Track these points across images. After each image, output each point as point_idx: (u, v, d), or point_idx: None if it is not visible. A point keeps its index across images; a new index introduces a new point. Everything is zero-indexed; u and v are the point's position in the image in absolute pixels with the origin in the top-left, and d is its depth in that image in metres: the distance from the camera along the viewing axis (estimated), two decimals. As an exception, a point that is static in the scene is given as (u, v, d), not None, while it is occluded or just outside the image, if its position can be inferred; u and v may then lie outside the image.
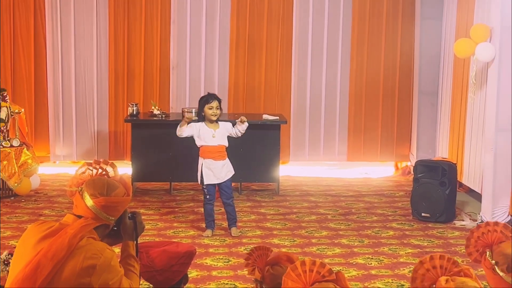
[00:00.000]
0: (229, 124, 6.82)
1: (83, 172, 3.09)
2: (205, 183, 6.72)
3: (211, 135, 6.69)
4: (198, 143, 6.72)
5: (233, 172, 6.83)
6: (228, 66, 9.82)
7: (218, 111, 6.71)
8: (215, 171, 6.71)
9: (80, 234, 2.89)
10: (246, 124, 6.81)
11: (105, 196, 2.98)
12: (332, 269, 2.58)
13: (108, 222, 3.04)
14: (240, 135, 6.87)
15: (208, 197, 6.80)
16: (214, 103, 6.68)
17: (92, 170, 3.10)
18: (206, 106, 6.68)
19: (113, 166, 3.14)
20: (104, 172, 3.11)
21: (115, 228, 3.11)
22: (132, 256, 3.00)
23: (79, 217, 2.98)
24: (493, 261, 2.87)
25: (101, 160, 3.17)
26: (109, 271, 2.87)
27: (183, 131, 6.68)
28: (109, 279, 2.86)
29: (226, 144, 6.77)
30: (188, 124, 6.69)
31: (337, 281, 2.58)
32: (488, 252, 2.92)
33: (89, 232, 2.95)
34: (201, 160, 6.74)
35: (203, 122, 6.72)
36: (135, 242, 3.08)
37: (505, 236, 2.90)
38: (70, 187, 3.06)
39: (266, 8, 9.74)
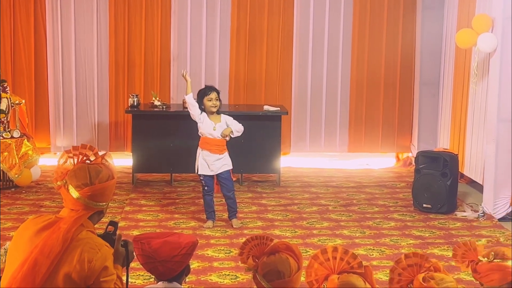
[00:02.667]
0: (230, 119, 6.80)
1: (64, 162, 3.04)
2: (199, 172, 6.74)
3: (211, 127, 6.69)
4: (199, 131, 6.73)
5: (231, 167, 6.82)
6: (229, 57, 9.80)
7: (218, 103, 6.71)
8: (209, 162, 6.73)
9: (73, 228, 2.87)
10: (231, 134, 6.74)
11: (90, 185, 2.94)
12: (362, 263, 2.54)
13: (100, 208, 3.02)
14: (238, 135, 6.83)
15: (206, 188, 6.81)
16: (213, 95, 6.68)
17: (73, 158, 3.04)
18: (205, 98, 6.68)
19: (92, 149, 3.09)
20: (85, 158, 3.05)
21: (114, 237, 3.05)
22: (120, 278, 2.96)
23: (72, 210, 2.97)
24: None
25: (79, 145, 3.12)
26: (104, 268, 2.85)
27: (189, 92, 6.67)
28: (102, 275, 2.84)
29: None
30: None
31: (365, 275, 2.55)
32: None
33: (85, 223, 2.94)
34: (199, 150, 6.77)
35: (205, 114, 6.72)
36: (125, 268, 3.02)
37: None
38: (55, 182, 3.02)
39: (267, -2, 9.72)
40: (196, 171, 6.80)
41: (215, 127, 6.70)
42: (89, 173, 2.96)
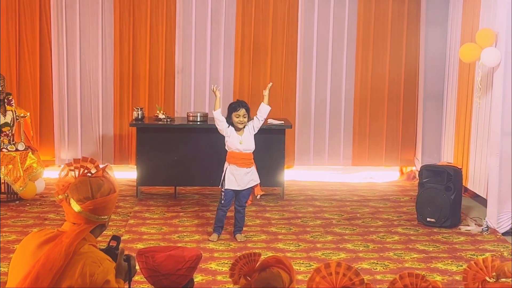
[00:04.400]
0: (250, 122, 6.82)
1: (66, 175, 3.05)
2: (225, 187, 6.73)
3: (238, 141, 6.73)
4: (227, 144, 6.75)
5: (258, 182, 6.84)
6: (233, 70, 9.83)
7: (245, 119, 6.72)
8: (238, 177, 6.73)
9: (75, 242, 2.87)
10: (267, 91, 6.80)
11: (91, 199, 2.95)
12: (364, 280, 2.52)
13: (102, 222, 3.02)
14: (263, 119, 6.83)
15: (223, 202, 6.80)
16: (241, 111, 6.70)
17: (74, 171, 3.05)
18: (234, 114, 6.70)
19: (93, 162, 3.09)
20: (86, 171, 3.06)
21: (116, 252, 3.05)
22: None
23: (74, 223, 2.97)
24: None
25: (80, 158, 3.12)
26: (106, 282, 2.85)
27: (218, 107, 6.65)
28: None
29: (253, 147, 6.80)
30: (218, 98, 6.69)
31: None
32: None
33: (87, 237, 2.94)
34: (226, 165, 6.79)
35: (233, 127, 6.74)
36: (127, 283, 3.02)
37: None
38: (56, 195, 3.03)
39: (271, 12, 9.75)
40: (220, 185, 6.80)
41: (241, 140, 6.73)
42: (91, 186, 2.96)
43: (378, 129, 10.00)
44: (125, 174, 9.53)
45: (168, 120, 8.55)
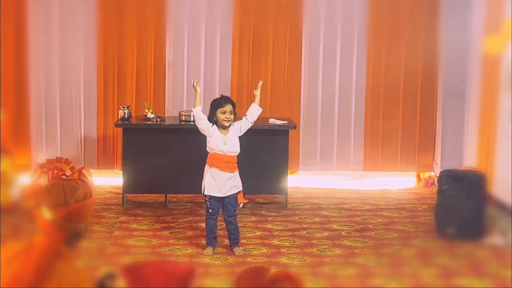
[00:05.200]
0: (237, 122, 6.81)
1: (37, 178, 3.01)
2: (205, 193, 6.73)
3: (222, 142, 6.70)
4: (208, 145, 6.72)
5: (240, 189, 6.84)
6: (231, 65, 9.83)
7: (232, 116, 6.71)
8: (219, 182, 6.71)
9: (47, 256, 2.84)
10: (258, 90, 6.85)
11: (64, 204, 2.92)
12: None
13: (77, 231, 2.99)
14: (253, 121, 6.83)
15: (210, 211, 6.80)
16: (228, 107, 6.68)
17: (46, 173, 3.02)
18: (219, 110, 6.68)
19: (68, 162, 3.06)
20: (60, 173, 3.03)
21: None
22: None
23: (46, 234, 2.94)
24: None
25: (54, 158, 3.09)
26: None
27: (198, 104, 6.65)
28: None
29: (238, 150, 6.78)
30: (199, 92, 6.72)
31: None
32: None
33: (61, 249, 2.91)
34: (206, 168, 6.75)
35: (216, 126, 6.72)
36: None
37: None
38: (26, 201, 2.99)
39: (273, 0, 9.74)
40: (202, 191, 6.80)
41: (225, 141, 6.71)
42: (64, 190, 2.93)
43: (393, 130, 10.00)
44: (109, 180, 9.53)
45: (158, 120, 8.54)
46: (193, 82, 6.84)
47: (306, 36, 9.86)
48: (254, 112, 6.84)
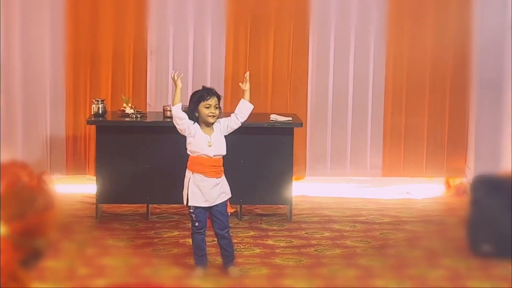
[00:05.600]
0: (222, 119, 6.77)
1: None
2: (190, 204, 6.69)
3: (206, 143, 6.66)
4: (189, 148, 6.68)
5: (229, 195, 6.81)
6: (225, 51, 9.86)
7: (217, 112, 6.68)
8: (204, 190, 6.68)
9: (2, 281, 2.82)
10: (247, 84, 6.83)
11: (21, 217, 2.90)
12: None
13: (36, 249, 2.96)
14: (243, 120, 6.81)
15: (197, 224, 6.77)
16: (213, 100, 6.64)
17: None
18: (202, 105, 6.64)
19: (24, 167, 3.03)
20: (15, 179, 3.00)
21: None
22: None
23: None
24: None
25: (7, 162, 3.06)
26: None
27: (178, 101, 6.61)
28: None
29: (224, 152, 6.74)
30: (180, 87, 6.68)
31: None
32: None
33: (17, 272, 2.88)
34: (188, 174, 6.71)
35: (198, 125, 6.68)
36: None
37: None
38: None
39: (275, -26, 9.78)
40: (185, 202, 6.77)
41: (210, 142, 6.67)
42: (20, 200, 2.91)
43: (417, 129, 10.02)
44: (80, 187, 9.54)
45: (138, 116, 8.54)
46: (173, 75, 6.80)
47: (314, 16, 9.88)
48: (244, 109, 6.81)
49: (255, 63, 9.82)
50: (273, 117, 8.63)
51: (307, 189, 9.81)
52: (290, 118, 8.67)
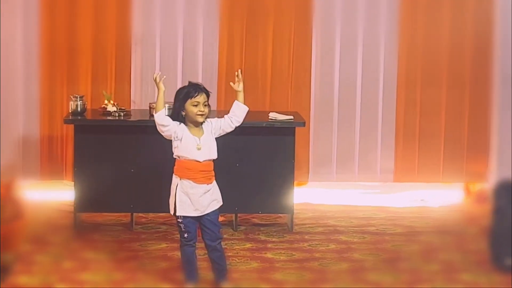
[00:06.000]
0: (214, 120, 6.77)
1: None
2: (178, 214, 6.70)
3: (195, 146, 6.65)
4: (176, 153, 6.68)
5: (221, 203, 6.81)
6: (218, 43, 9.90)
7: (207, 110, 6.67)
8: (194, 198, 6.67)
9: None
10: (241, 84, 6.82)
11: None
12: None
13: (4, 263, 2.98)
14: (238, 123, 6.82)
15: (186, 235, 6.77)
16: (201, 97, 6.63)
17: None
18: (189, 102, 6.63)
19: None
20: None
21: None
22: None
23: None
24: None
25: None
26: None
27: (161, 107, 6.62)
28: None
29: (215, 156, 6.74)
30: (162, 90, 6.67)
31: None
32: None
33: None
34: (176, 180, 6.69)
35: (185, 126, 6.68)
36: None
37: None
38: None
39: (274, -44, 9.82)
40: (172, 212, 6.77)
41: (199, 145, 6.67)
42: None
43: (433, 129, 10.06)
44: (57, 194, 9.56)
45: (122, 114, 8.55)
46: (155, 77, 6.79)
47: (318, 4, 9.89)
48: (239, 112, 6.78)
49: (252, 56, 9.85)
50: (272, 115, 8.64)
51: (310, 196, 9.85)
52: (292, 117, 8.67)
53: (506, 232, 7.58)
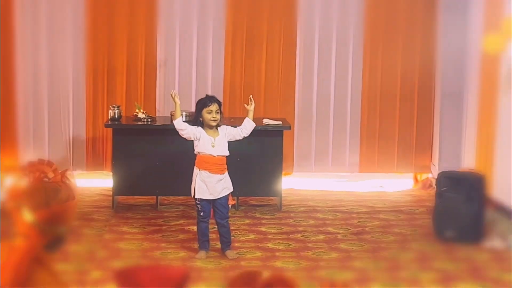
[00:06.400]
0: (229, 127, 6.84)
1: (19, 180, 2.99)
2: (196, 197, 6.73)
3: (210, 144, 6.70)
4: (196, 149, 6.73)
5: (231, 189, 6.85)
6: (223, 64, 9.83)
7: (218, 116, 6.72)
8: (210, 185, 6.72)
9: (26, 262, 2.81)
10: (253, 105, 6.92)
11: (46, 207, 2.89)
12: None
13: (59, 234, 2.96)
14: (245, 135, 6.88)
15: (202, 214, 6.80)
16: (214, 106, 6.69)
17: (28, 175, 3.00)
18: (205, 110, 6.69)
19: (50, 164, 3.04)
20: (42, 175, 3.01)
21: None
22: None
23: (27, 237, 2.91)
24: None
25: (35, 160, 3.08)
26: None
27: (178, 116, 6.67)
28: None
29: (227, 153, 6.78)
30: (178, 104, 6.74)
31: None
32: None
33: (41, 255, 2.88)
34: (196, 171, 6.74)
35: (203, 128, 6.73)
36: None
37: None
38: (7, 203, 2.96)
39: (267, -2, 9.78)
40: (192, 195, 6.79)
41: (213, 143, 6.70)
42: (46, 192, 2.91)
43: (390, 131, 10.02)
44: (99, 182, 9.52)
45: (149, 120, 8.53)
46: (172, 93, 6.86)
47: (300, 34, 9.86)
48: (249, 126, 6.94)
49: (249, 74, 9.82)
50: (266, 121, 8.64)
51: (294, 183, 9.80)
52: (280, 122, 8.67)
53: (445, 211, 7.59)
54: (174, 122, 6.77)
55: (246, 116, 6.95)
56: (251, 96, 7.09)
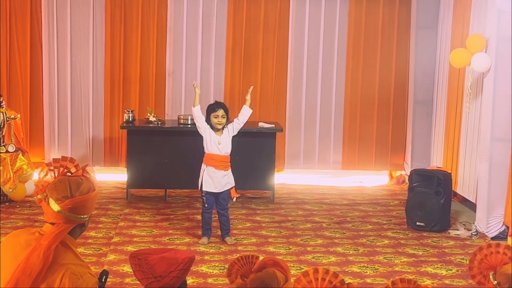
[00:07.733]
0: (230, 124, 6.84)
1: (45, 175, 3.01)
2: (203, 189, 6.75)
3: (216, 143, 6.73)
4: (205, 147, 6.75)
5: (233, 184, 6.85)
6: (224, 74, 9.83)
7: (224, 120, 6.74)
8: (215, 180, 6.74)
9: (54, 245, 2.81)
10: (249, 97, 6.91)
11: (70, 197, 2.91)
12: (344, 280, 2.55)
13: (81, 221, 2.98)
14: (244, 121, 6.86)
15: (206, 205, 6.81)
16: (220, 112, 6.71)
17: (53, 171, 3.02)
18: (212, 115, 6.72)
19: (72, 161, 3.06)
20: (65, 170, 3.03)
21: None
22: None
23: (53, 224, 2.93)
24: (495, 282, 2.86)
25: (60, 157, 3.10)
26: None
27: (197, 103, 6.69)
28: None
29: (229, 150, 6.80)
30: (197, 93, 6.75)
31: None
32: (491, 274, 2.90)
33: (67, 239, 2.90)
34: (203, 167, 6.77)
35: (211, 129, 6.75)
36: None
37: (508, 257, 2.88)
38: (35, 195, 2.98)
39: (262, 16, 9.76)
40: (199, 187, 6.81)
41: (219, 141, 6.73)
42: (70, 185, 2.92)
43: (368, 134, 10.03)
44: (115, 176, 9.52)
45: (159, 122, 8.54)
46: (194, 84, 6.91)
47: (291, 48, 9.88)
48: (244, 113, 6.89)
49: (247, 82, 9.78)
50: (261, 124, 8.66)
51: (285, 178, 9.82)
52: (273, 125, 8.69)
53: (417, 204, 7.61)
54: (193, 108, 6.75)
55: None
56: (251, 87, 7.08)
